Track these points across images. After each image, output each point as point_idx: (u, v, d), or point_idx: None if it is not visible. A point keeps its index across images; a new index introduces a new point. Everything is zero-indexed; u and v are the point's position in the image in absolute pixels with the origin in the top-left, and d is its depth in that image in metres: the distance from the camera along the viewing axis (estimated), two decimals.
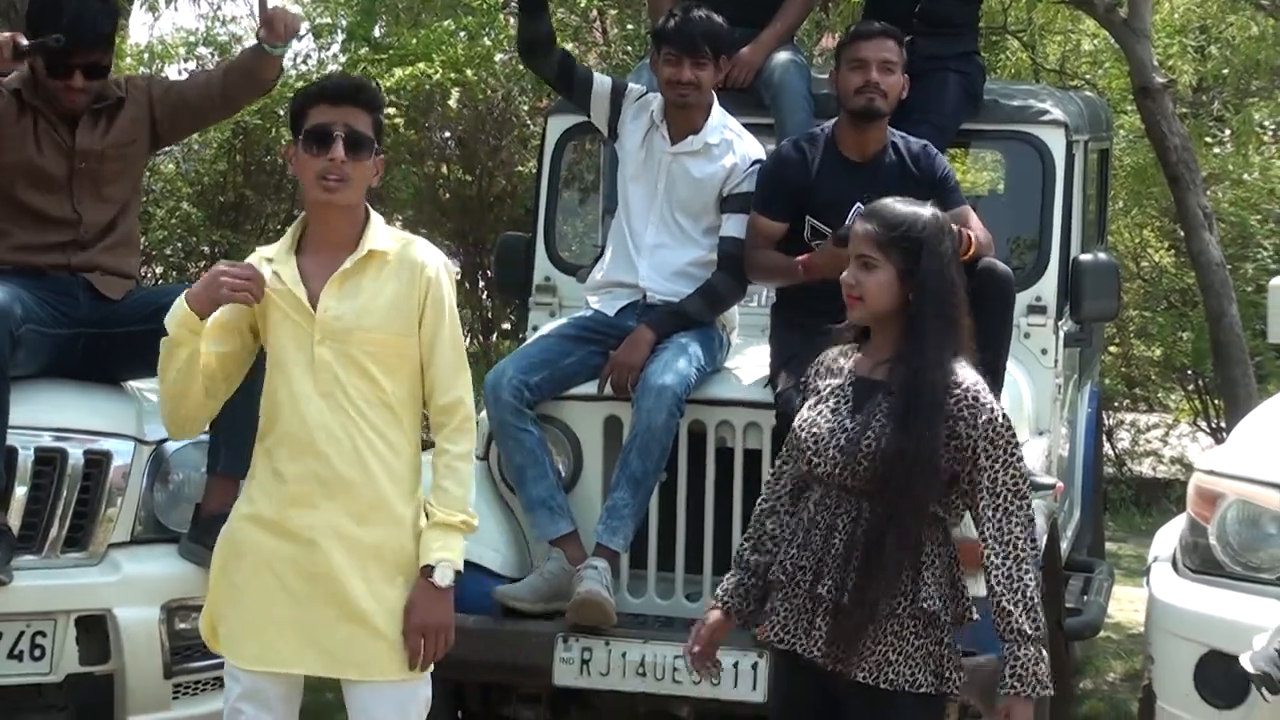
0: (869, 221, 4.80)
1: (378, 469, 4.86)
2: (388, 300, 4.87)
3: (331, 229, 4.91)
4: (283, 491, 4.85)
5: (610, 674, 6.46)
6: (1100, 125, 9.01)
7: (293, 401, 4.84)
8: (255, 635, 4.86)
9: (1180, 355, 15.16)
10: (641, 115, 7.12)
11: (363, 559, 4.84)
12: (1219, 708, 6.36)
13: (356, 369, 4.83)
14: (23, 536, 5.95)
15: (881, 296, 4.76)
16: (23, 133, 6.33)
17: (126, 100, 6.54)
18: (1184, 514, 6.78)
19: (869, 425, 4.71)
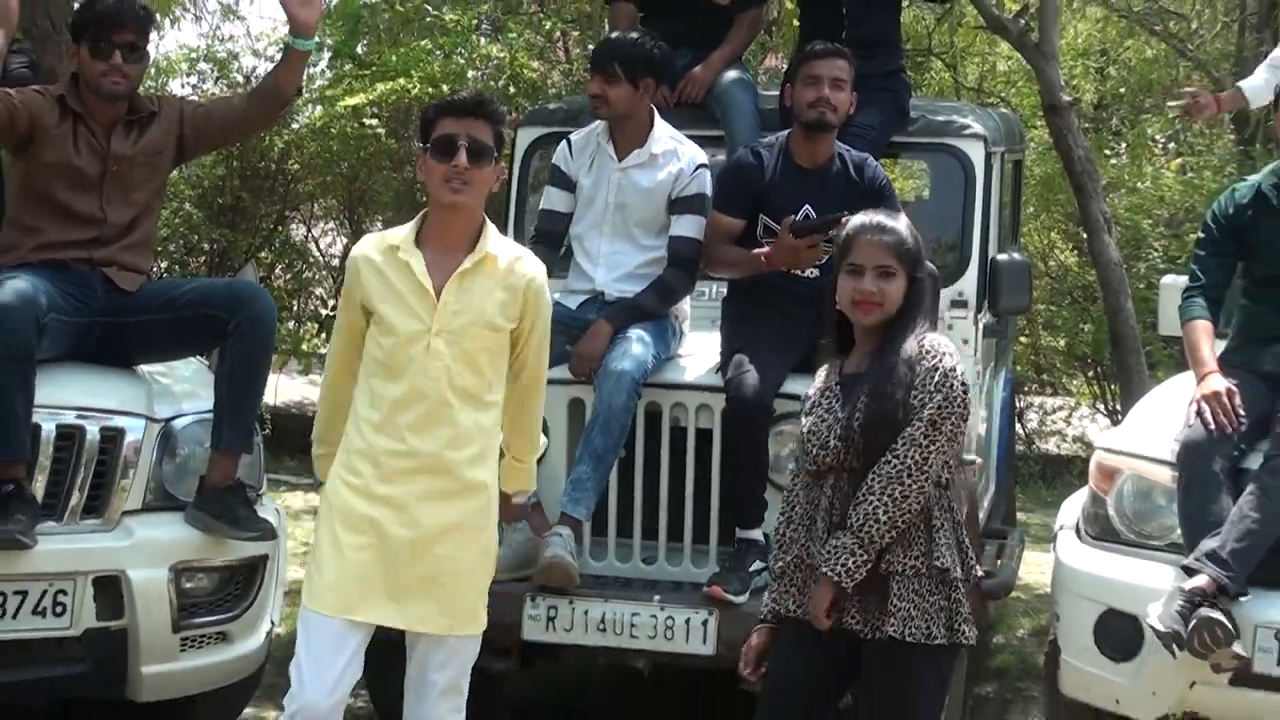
0: (882, 235, 4.83)
1: (467, 451, 4.92)
2: (497, 303, 4.93)
3: (452, 229, 4.97)
4: (380, 466, 4.89)
5: (574, 630, 6.49)
6: (1014, 139, 9.04)
7: (401, 386, 4.89)
8: (337, 584, 4.90)
9: (1082, 345, 15.21)
10: (587, 145, 7.15)
11: (446, 528, 4.90)
12: (1115, 660, 6.40)
13: (465, 360, 4.89)
14: (45, 505, 5.94)
15: (897, 301, 4.82)
16: (64, 135, 6.32)
17: (159, 115, 6.54)
18: (1085, 488, 6.84)
19: (856, 412, 4.78)
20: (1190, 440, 6.42)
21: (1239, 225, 6.77)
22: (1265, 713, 6.25)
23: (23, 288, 6.04)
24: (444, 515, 4.89)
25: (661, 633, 6.37)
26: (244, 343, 6.28)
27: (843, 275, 4.82)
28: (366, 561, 4.87)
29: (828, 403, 4.85)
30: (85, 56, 6.36)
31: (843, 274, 4.82)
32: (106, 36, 6.33)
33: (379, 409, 4.91)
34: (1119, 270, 11.76)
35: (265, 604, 6.47)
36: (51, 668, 6.03)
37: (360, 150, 14.01)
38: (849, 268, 4.81)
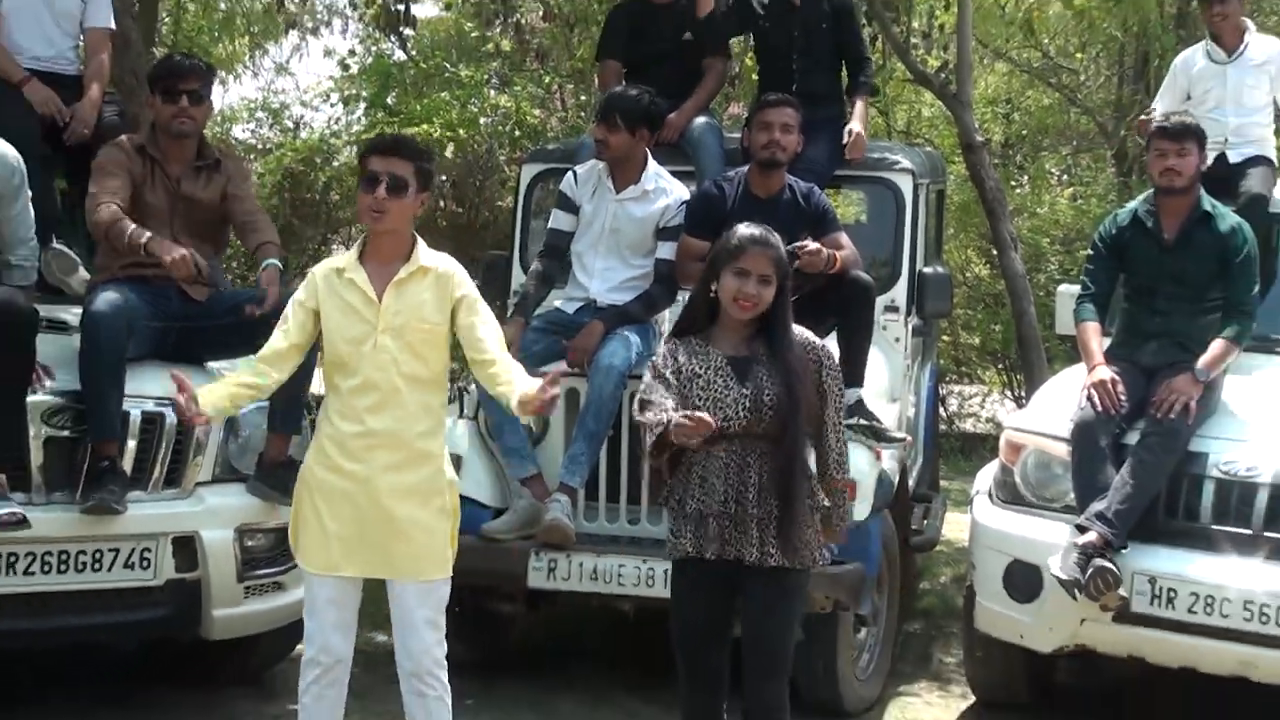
0: (768, 249, 4.82)
1: (421, 427, 4.93)
2: (429, 302, 4.92)
3: (384, 248, 4.96)
4: (345, 445, 4.89)
5: (570, 579, 6.51)
6: (937, 172, 9.06)
7: (356, 379, 4.89)
8: (323, 548, 4.92)
9: (993, 342, 15.23)
10: (590, 177, 7.16)
11: (405, 493, 4.89)
12: (1020, 602, 6.46)
13: (409, 350, 4.88)
14: (133, 477, 5.97)
15: (768, 303, 4.82)
16: (143, 176, 6.36)
17: (221, 167, 6.56)
18: (996, 460, 6.88)
19: (762, 389, 4.77)
20: (1082, 420, 6.46)
21: (1119, 244, 6.82)
22: (1139, 644, 6.30)
23: (114, 299, 6.09)
24: (403, 481, 4.89)
25: (644, 581, 6.38)
26: None
27: (730, 275, 4.79)
28: (344, 527, 4.89)
29: (721, 380, 4.81)
30: (158, 103, 6.43)
31: (730, 274, 4.79)
32: (175, 85, 6.40)
33: (340, 399, 4.93)
34: (1023, 281, 11.82)
35: None
36: (139, 612, 6.05)
37: None
38: (737, 270, 4.79)
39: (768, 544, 4.76)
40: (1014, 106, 19.38)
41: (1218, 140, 7.72)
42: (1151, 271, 6.74)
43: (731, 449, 4.81)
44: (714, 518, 4.80)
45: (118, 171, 6.34)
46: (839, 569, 6.25)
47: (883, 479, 6.64)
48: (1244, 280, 6.63)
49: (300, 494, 5.02)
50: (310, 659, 4.98)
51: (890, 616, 7.12)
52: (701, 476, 4.84)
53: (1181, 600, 6.16)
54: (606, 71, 8.29)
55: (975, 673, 7.07)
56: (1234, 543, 6.22)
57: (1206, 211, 6.65)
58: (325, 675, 4.98)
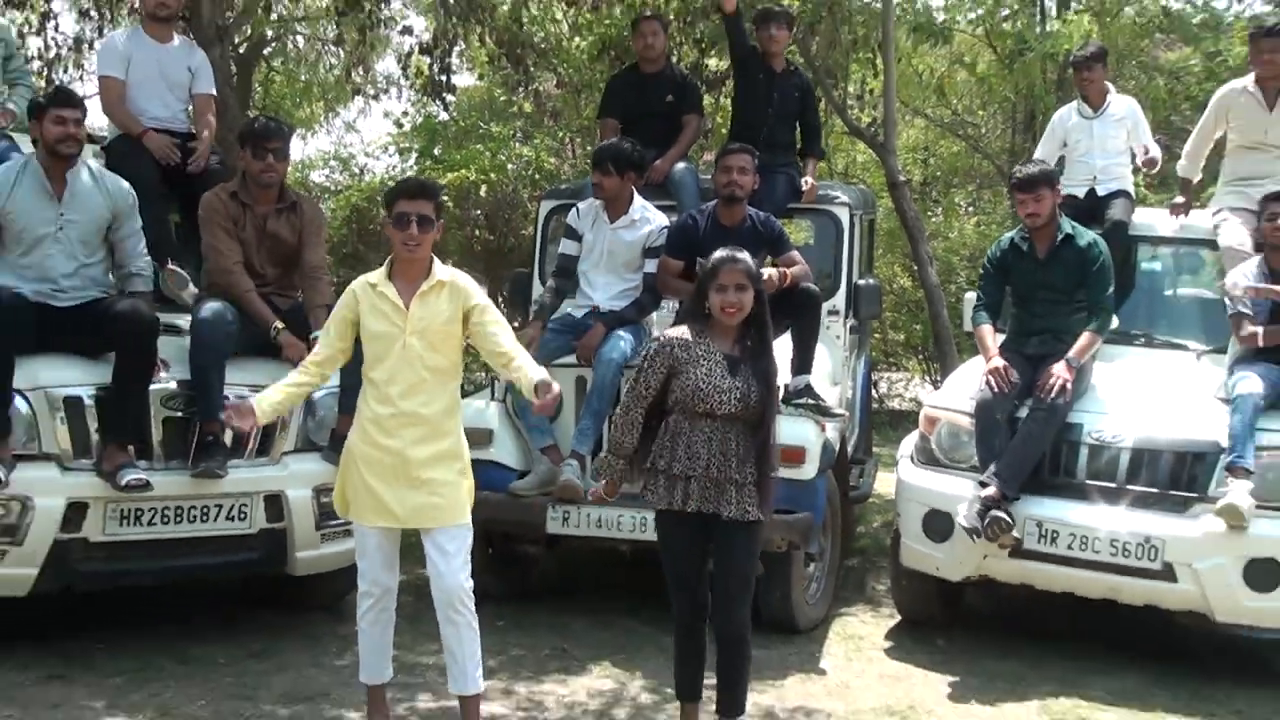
0: (737, 264, 4.84)
1: (439, 407, 4.93)
2: (446, 309, 4.92)
3: (411, 269, 4.95)
4: (382, 425, 4.90)
5: (580, 526, 6.54)
6: (869, 205, 9.07)
7: (388, 371, 4.89)
8: (369, 505, 4.93)
9: (914, 338, 15.21)
10: (590, 210, 7.21)
11: (430, 459, 4.90)
12: (936, 542, 6.51)
13: (431, 348, 4.89)
14: (232, 449, 6.00)
15: (749, 306, 4.86)
16: (237, 218, 6.39)
17: (298, 209, 6.56)
18: (917, 430, 6.90)
19: (750, 385, 4.84)
20: (982, 399, 6.50)
21: (1004, 264, 6.87)
22: (1029, 574, 6.36)
23: (217, 308, 6.13)
24: (428, 450, 4.89)
25: (638, 528, 6.39)
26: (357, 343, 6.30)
27: (714, 292, 4.83)
28: (385, 488, 4.90)
29: (719, 371, 4.84)
30: (249, 158, 6.41)
31: (713, 291, 4.83)
32: (262, 144, 6.39)
33: (376, 388, 4.93)
34: (938, 290, 11.85)
35: None
36: (238, 554, 6.09)
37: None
38: (718, 286, 4.83)
39: (744, 502, 4.82)
40: (929, 153, 19.37)
41: (1088, 178, 7.78)
42: (1030, 282, 6.79)
43: (715, 426, 4.86)
44: (695, 479, 4.84)
45: (223, 223, 6.37)
46: (793, 517, 6.29)
47: (827, 446, 6.65)
48: (1101, 283, 6.67)
49: (346, 464, 5.03)
50: (364, 592, 5.03)
51: (833, 554, 7.13)
52: (688, 445, 4.87)
53: (1062, 539, 6.20)
54: (606, 127, 8.32)
55: (901, 598, 7.07)
56: (1102, 494, 6.27)
57: (1068, 233, 6.70)
58: (376, 604, 5.02)
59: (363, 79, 17.18)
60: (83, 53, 12.14)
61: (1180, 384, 6.74)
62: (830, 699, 5.91)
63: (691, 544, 4.95)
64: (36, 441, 5.65)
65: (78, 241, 6.07)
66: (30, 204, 5.98)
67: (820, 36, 11.75)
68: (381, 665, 5.13)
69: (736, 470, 4.83)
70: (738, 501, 4.82)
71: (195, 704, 5.49)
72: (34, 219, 5.98)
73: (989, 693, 6.04)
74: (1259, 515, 5.94)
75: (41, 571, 5.59)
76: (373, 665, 5.11)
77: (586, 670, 6.16)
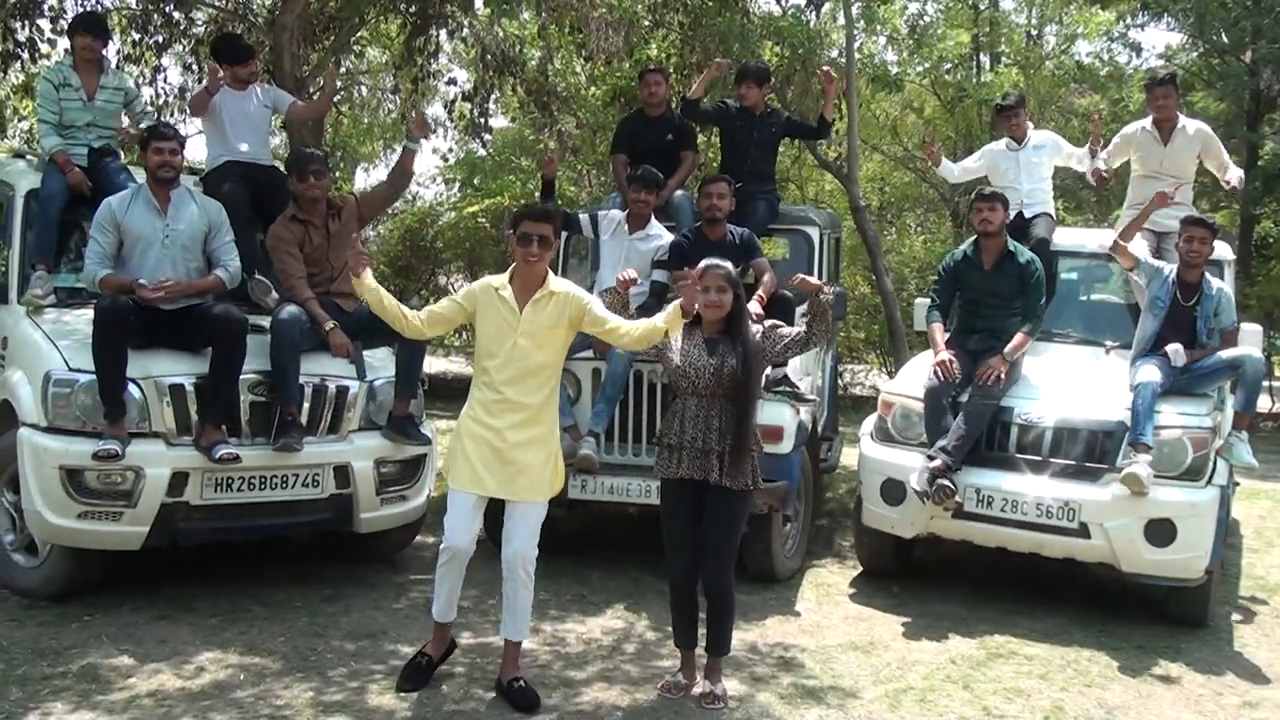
0: (719, 270, 4.80)
1: (539, 398, 4.85)
2: (553, 316, 4.84)
3: (529, 279, 4.86)
4: (488, 408, 4.83)
5: (597, 492, 6.51)
6: (836, 226, 9.03)
7: (499, 363, 4.82)
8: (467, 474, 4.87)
9: (873, 336, 15.26)
10: (610, 224, 7.19)
11: (526, 442, 4.83)
12: (891, 505, 6.50)
13: (536, 347, 4.82)
14: (307, 427, 5.97)
15: (729, 305, 4.81)
16: (301, 236, 6.38)
17: (344, 210, 6.54)
18: (876, 413, 6.87)
19: (724, 363, 4.76)
20: (930, 386, 6.48)
21: (955, 272, 6.84)
22: (969, 532, 6.34)
23: (294, 311, 6.11)
24: (523, 435, 4.82)
25: (644, 493, 6.37)
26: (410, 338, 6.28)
27: (699, 293, 4.75)
28: (483, 461, 4.83)
29: (697, 352, 4.80)
30: (295, 181, 6.42)
31: (699, 293, 4.75)
32: (304, 168, 6.39)
33: (487, 376, 4.85)
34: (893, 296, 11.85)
35: (426, 480, 6.45)
36: (311, 515, 6.06)
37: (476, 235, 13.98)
38: (703, 288, 4.78)
39: (725, 470, 4.76)
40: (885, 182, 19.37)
41: (1016, 203, 7.73)
42: (977, 289, 6.75)
43: (700, 402, 4.80)
44: (685, 449, 4.80)
45: (287, 247, 6.34)
46: (773, 485, 6.26)
47: (801, 426, 6.63)
48: (1036, 294, 6.65)
49: (455, 438, 4.95)
50: (445, 547, 4.90)
51: (806, 515, 7.11)
52: (680, 419, 4.83)
53: (996, 503, 6.18)
54: (617, 162, 8.28)
55: (862, 552, 7.05)
56: (1029, 465, 6.26)
57: (1011, 250, 6.68)
58: (453, 560, 4.91)
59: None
60: (185, 100, 12.11)
61: (1093, 374, 6.73)
62: (804, 636, 5.89)
63: (683, 508, 4.88)
64: (147, 422, 5.64)
65: (180, 248, 6.06)
66: (142, 218, 6.00)
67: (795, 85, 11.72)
68: (448, 608, 5.05)
69: (718, 441, 4.76)
70: (719, 469, 4.75)
71: (276, 640, 5.48)
72: (145, 230, 5.99)
73: (936, 630, 6.03)
74: (1156, 483, 5.94)
75: (151, 529, 5.59)
76: (442, 606, 5.03)
77: (601, 612, 6.15)
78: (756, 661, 5.49)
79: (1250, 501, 9.42)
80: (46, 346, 5.76)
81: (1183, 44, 17.99)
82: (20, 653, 5.13)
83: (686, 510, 4.88)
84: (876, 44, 14.27)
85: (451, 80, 13.70)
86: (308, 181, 6.37)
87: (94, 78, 6.80)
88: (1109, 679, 5.49)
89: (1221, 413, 6.53)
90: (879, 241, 12.67)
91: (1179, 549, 5.91)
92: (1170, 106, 7.55)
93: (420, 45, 11.65)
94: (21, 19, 9.51)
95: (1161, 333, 6.59)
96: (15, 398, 5.70)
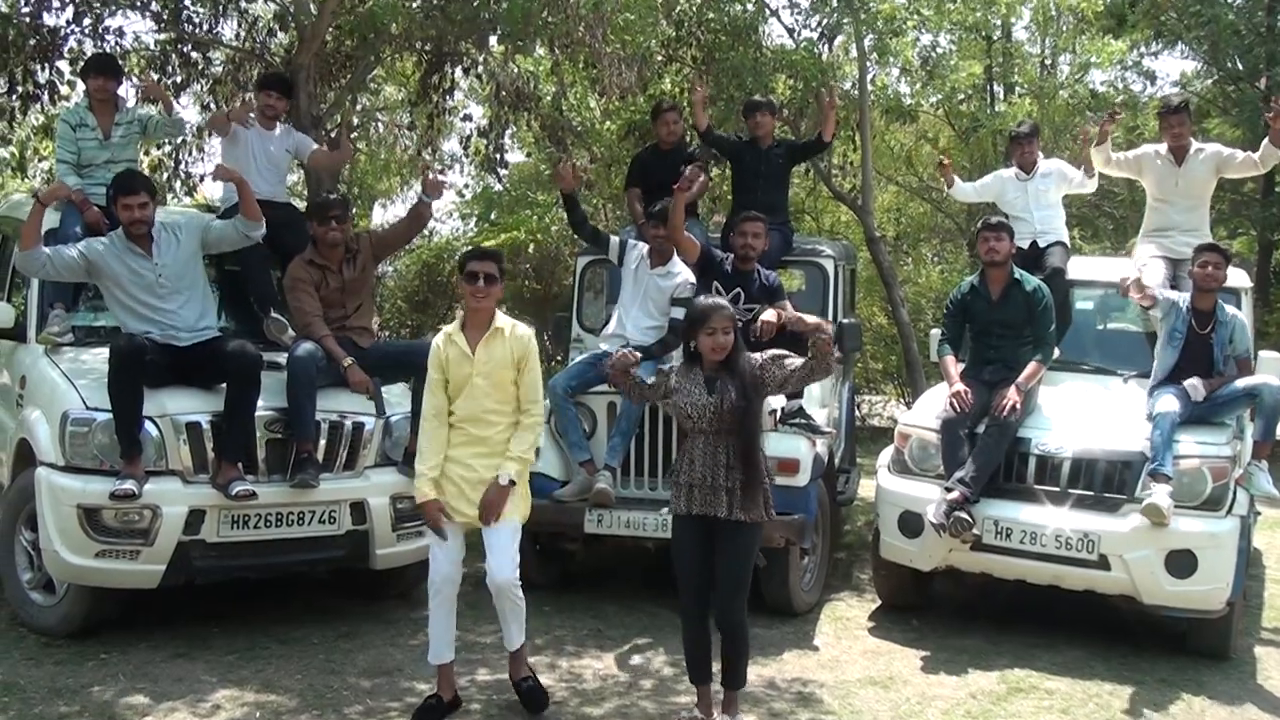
0: (723, 312, 4.78)
1: (497, 432, 4.98)
2: (506, 354, 4.99)
3: (477, 318, 5.03)
4: (454, 442, 4.98)
5: (612, 527, 6.50)
6: (851, 257, 9.04)
7: (460, 402, 4.96)
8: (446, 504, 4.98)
9: (890, 367, 15.19)
10: (637, 255, 7.16)
11: (491, 471, 4.94)
12: (908, 538, 6.46)
13: (493, 387, 4.96)
14: (323, 464, 5.99)
15: (729, 347, 4.78)
16: (317, 279, 6.41)
17: (360, 249, 6.56)
18: (893, 444, 6.83)
19: (724, 399, 4.72)
20: (946, 418, 6.45)
21: (963, 304, 6.85)
22: (988, 564, 6.30)
23: (310, 349, 6.12)
24: (490, 464, 4.94)
25: (660, 528, 6.33)
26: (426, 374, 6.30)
27: (703, 335, 4.76)
28: (454, 491, 4.97)
29: (697, 392, 4.77)
30: (315, 226, 6.46)
31: (703, 335, 4.76)
32: (325, 215, 6.44)
33: (453, 413, 4.99)
34: (909, 327, 11.82)
35: None
36: (328, 551, 6.06)
37: None
38: (708, 330, 4.76)
39: (734, 506, 4.73)
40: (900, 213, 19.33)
41: (1030, 233, 7.74)
42: (985, 320, 6.75)
43: (708, 440, 4.78)
44: (696, 487, 4.79)
45: (304, 287, 6.38)
46: (790, 518, 6.24)
47: (817, 459, 6.61)
48: (1044, 321, 6.65)
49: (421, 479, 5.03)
50: (432, 580, 5.03)
51: (824, 548, 7.08)
52: (689, 457, 4.82)
53: (1015, 535, 6.14)
54: (631, 196, 8.31)
55: (881, 585, 7.01)
56: (1048, 497, 6.22)
57: (1017, 279, 6.69)
58: (441, 591, 5.02)
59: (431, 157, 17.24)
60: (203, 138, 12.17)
61: (1111, 404, 6.70)
62: (822, 671, 5.85)
63: (695, 544, 4.84)
64: (164, 460, 5.67)
65: (176, 278, 6.07)
66: (129, 265, 6.00)
67: (808, 118, 11.75)
68: (445, 647, 5.08)
69: (726, 478, 4.73)
70: (728, 505, 4.72)
71: (293, 677, 5.47)
72: (137, 275, 6.00)
73: (955, 665, 5.98)
74: (1177, 514, 5.90)
75: (168, 567, 5.61)
76: (439, 647, 5.07)
77: (618, 648, 6.12)
78: (775, 697, 5.45)
79: (1272, 531, 9.33)
80: (64, 385, 5.80)
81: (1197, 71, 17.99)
82: (37, 692, 5.14)
83: (697, 547, 4.84)
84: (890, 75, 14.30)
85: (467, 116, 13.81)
86: (328, 226, 6.41)
87: (109, 117, 6.91)
88: (1131, 714, 5.42)
89: (1241, 442, 6.49)
90: (894, 272, 12.66)
91: (1200, 580, 5.86)
92: (1185, 134, 7.57)
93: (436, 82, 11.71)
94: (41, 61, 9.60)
95: (1179, 363, 6.56)
96: (33, 437, 5.74)
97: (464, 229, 15.50)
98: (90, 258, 5.97)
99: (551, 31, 9.70)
